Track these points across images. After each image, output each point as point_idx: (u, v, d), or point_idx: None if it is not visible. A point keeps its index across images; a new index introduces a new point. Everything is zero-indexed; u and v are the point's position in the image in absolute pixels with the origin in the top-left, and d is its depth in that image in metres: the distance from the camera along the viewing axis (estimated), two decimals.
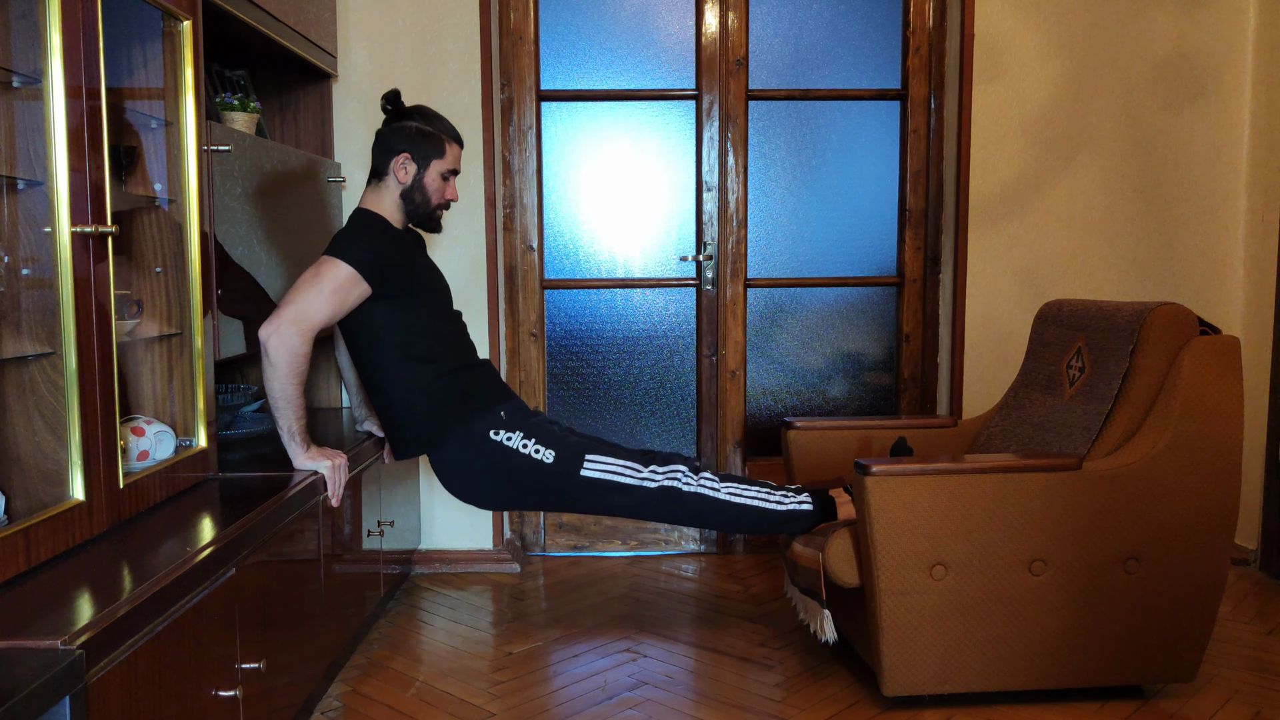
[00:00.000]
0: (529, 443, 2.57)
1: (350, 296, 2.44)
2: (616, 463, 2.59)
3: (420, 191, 2.58)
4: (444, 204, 2.63)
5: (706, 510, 2.60)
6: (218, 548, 1.80)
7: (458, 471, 2.61)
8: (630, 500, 2.59)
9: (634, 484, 2.59)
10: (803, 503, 2.63)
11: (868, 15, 3.69)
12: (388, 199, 2.59)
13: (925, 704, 2.47)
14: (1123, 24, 3.54)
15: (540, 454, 2.57)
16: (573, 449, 2.59)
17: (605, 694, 2.57)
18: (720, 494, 2.60)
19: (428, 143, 2.57)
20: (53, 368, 1.72)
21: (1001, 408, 2.89)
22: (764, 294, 3.78)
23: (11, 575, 1.58)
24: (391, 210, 2.59)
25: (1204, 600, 2.42)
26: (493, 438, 2.56)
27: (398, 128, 2.57)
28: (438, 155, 2.58)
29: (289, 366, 2.35)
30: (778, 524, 2.62)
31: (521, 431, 2.58)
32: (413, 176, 2.57)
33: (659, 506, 2.60)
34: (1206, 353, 2.40)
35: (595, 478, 2.58)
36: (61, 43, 1.69)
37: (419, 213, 2.61)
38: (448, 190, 2.62)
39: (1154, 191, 3.60)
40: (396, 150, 2.55)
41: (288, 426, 2.39)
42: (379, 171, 2.59)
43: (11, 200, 1.71)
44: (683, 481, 2.59)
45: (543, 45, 3.64)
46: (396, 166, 2.56)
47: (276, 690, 2.10)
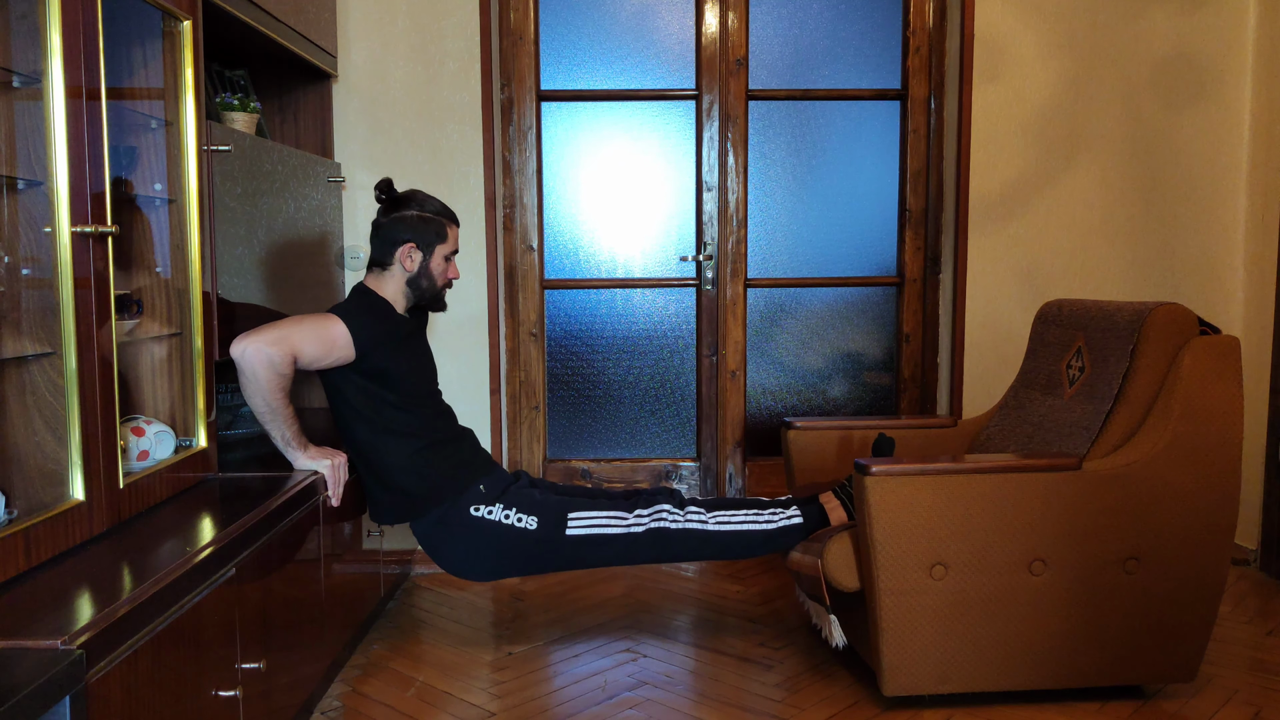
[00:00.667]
0: (510, 513, 2.57)
1: (334, 352, 2.45)
2: (601, 515, 2.59)
3: (427, 277, 2.60)
4: (448, 283, 2.66)
5: (698, 545, 2.59)
6: (218, 548, 1.80)
7: (443, 548, 2.61)
8: (621, 549, 2.59)
9: (621, 533, 2.58)
10: (792, 517, 2.62)
11: (868, 15, 3.69)
12: (392, 285, 2.60)
13: (925, 704, 2.47)
14: (1123, 24, 3.54)
15: (523, 522, 2.57)
16: (555, 510, 2.59)
17: (605, 694, 2.57)
18: (709, 525, 2.59)
19: (429, 229, 2.59)
20: (53, 368, 1.72)
21: (1001, 408, 2.89)
22: (764, 294, 3.78)
23: (11, 575, 1.58)
24: (395, 295, 2.61)
25: (1204, 600, 2.42)
26: (473, 514, 2.56)
27: (398, 218, 2.58)
28: (440, 240, 2.60)
29: (267, 380, 2.34)
30: (770, 543, 2.62)
31: (502, 503, 2.58)
32: (419, 264, 2.59)
33: (650, 550, 2.59)
34: (1206, 353, 2.40)
35: (582, 535, 2.58)
36: (61, 43, 1.69)
37: (425, 297, 2.63)
38: (450, 270, 2.65)
39: (1154, 191, 3.60)
40: (401, 241, 2.57)
41: (281, 436, 2.40)
42: (382, 262, 2.60)
43: (11, 200, 1.71)
44: (669, 520, 2.58)
45: (543, 45, 3.64)
46: (402, 256, 2.57)
47: (276, 690, 2.10)
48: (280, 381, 2.36)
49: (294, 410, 2.42)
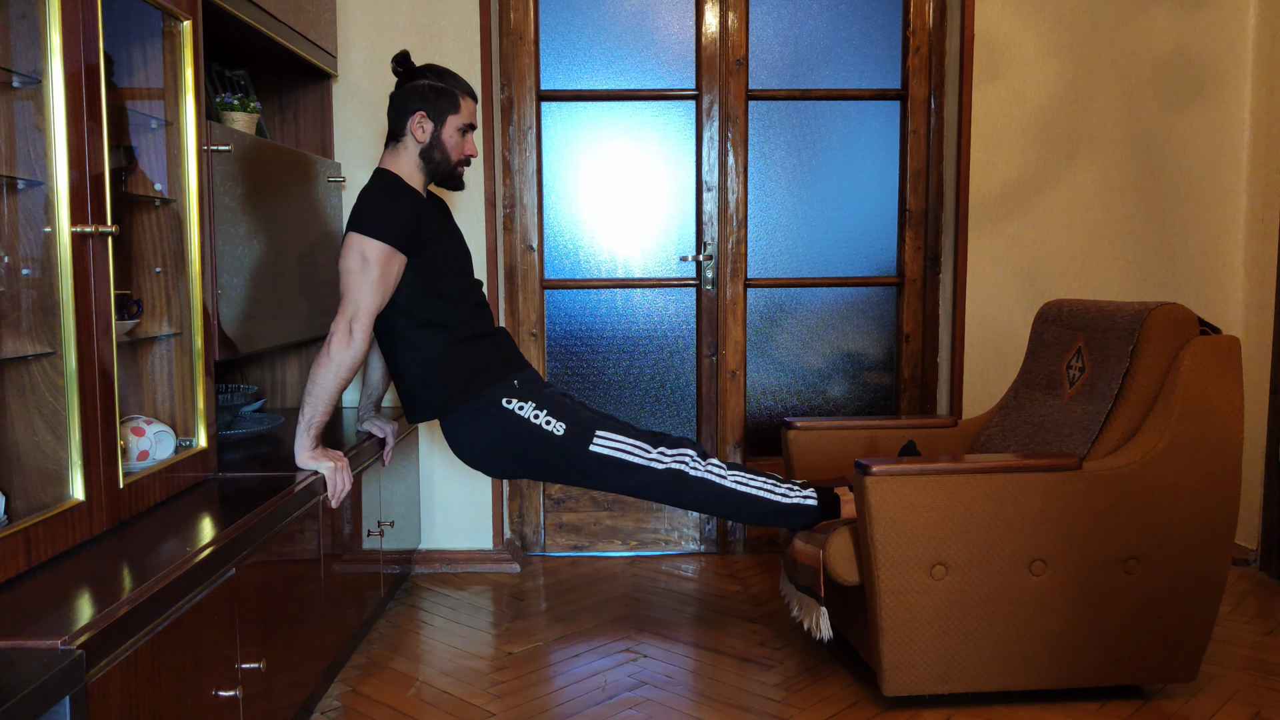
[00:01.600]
0: (540, 413, 2.57)
1: (393, 272, 2.48)
2: (626, 441, 2.59)
3: (439, 149, 2.58)
4: (464, 160, 2.63)
5: (711, 497, 2.60)
6: (218, 548, 1.80)
7: (467, 437, 2.60)
8: (636, 480, 2.59)
9: (641, 464, 2.58)
10: (807, 498, 2.63)
11: (868, 15, 3.69)
12: (406, 160, 2.59)
13: (925, 704, 2.47)
14: (1123, 24, 3.54)
15: (551, 425, 2.57)
16: (584, 424, 2.59)
17: (605, 694, 2.57)
18: (726, 481, 2.60)
19: (442, 99, 2.57)
20: (53, 368, 1.72)
21: (1001, 408, 2.89)
22: (764, 294, 3.78)
23: (11, 575, 1.58)
24: (411, 171, 2.59)
25: (1204, 600, 2.42)
26: (505, 405, 2.56)
27: (411, 87, 2.57)
28: (453, 110, 2.58)
29: (349, 367, 2.42)
30: (781, 516, 2.62)
31: (534, 402, 2.58)
32: (430, 134, 2.57)
33: (665, 488, 2.59)
34: (1206, 353, 2.40)
35: (604, 454, 2.58)
36: (61, 43, 1.69)
37: (439, 171, 2.61)
38: (466, 145, 2.62)
39: (1154, 191, 3.60)
40: (412, 109, 2.55)
41: (310, 418, 2.41)
42: (396, 134, 2.59)
43: (11, 200, 1.71)
44: (690, 466, 2.59)
45: (543, 45, 3.64)
46: (413, 125, 2.56)
47: (276, 690, 2.10)
48: (357, 367, 2.44)
49: (334, 406, 2.44)
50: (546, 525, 3.76)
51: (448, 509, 3.55)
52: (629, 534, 3.76)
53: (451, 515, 3.56)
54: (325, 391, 2.40)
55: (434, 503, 3.55)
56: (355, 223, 2.48)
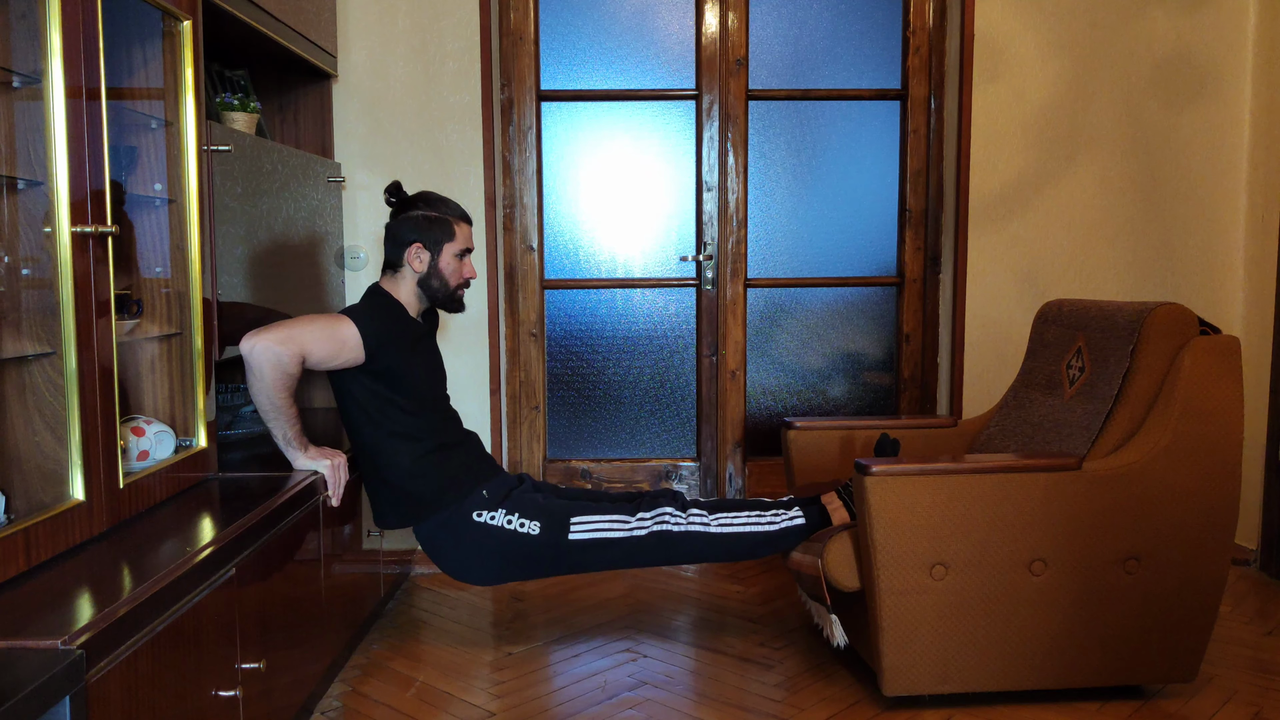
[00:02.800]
0: (513, 518, 2.57)
1: (343, 353, 2.45)
2: (603, 520, 2.58)
3: (437, 277, 2.60)
4: (464, 283, 2.65)
5: (701, 547, 2.59)
6: (218, 548, 1.80)
7: (445, 552, 2.61)
8: (623, 554, 2.59)
9: (624, 536, 2.58)
10: (794, 518, 2.62)
11: (868, 15, 3.69)
12: (405, 287, 2.61)
13: (925, 704, 2.47)
14: (1123, 24, 3.54)
15: (526, 528, 2.57)
16: (557, 515, 2.58)
17: (605, 694, 2.57)
18: (712, 528, 2.59)
19: (436, 228, 2.59)
20: (53, 368, 1.72)
21: (1001, 408, 2.89)
22: (764, 294, 3.78)
23: (11, 575, 1.58)
24: (409, 298, 2.62)
25: (1204, 600, 2.42)
26: (476, 520, 2.56)
27: (405, 219, 2.59)
28: (448, 239, 2.60)
29: (273, 379, 2.34)
30: (772, 544, 2.62)
31: (504, 508, 2.58)
32: (427, 264, 2.59)
33: (653, 553, 2.59)
34: (1206, 353, 2.40)
35: (585, 539, 2.57)
36: (61, 43, 1.69)
37: (439, 297, 2.63)
38: (464, 269, 2.64)
39: (1154, 191, 3.60)
40: (408, 241, 2.58)
41: (282, 434, 2.40)
42: (393, 264, 2.61)
43: (11, 200, 1.71)
44: (672, 523, 2.58)
45: (543, 45, 3.64)
46: (410, 257, 2.58)
47: (276, 690, 2.10)
48: (286, 381, 2.36)
49: (297, 410, 2.42)
50: None
51: None
52: None
53: None
54: (273, 407, 2.37)
55: None
56: (345, 310, 2.52)
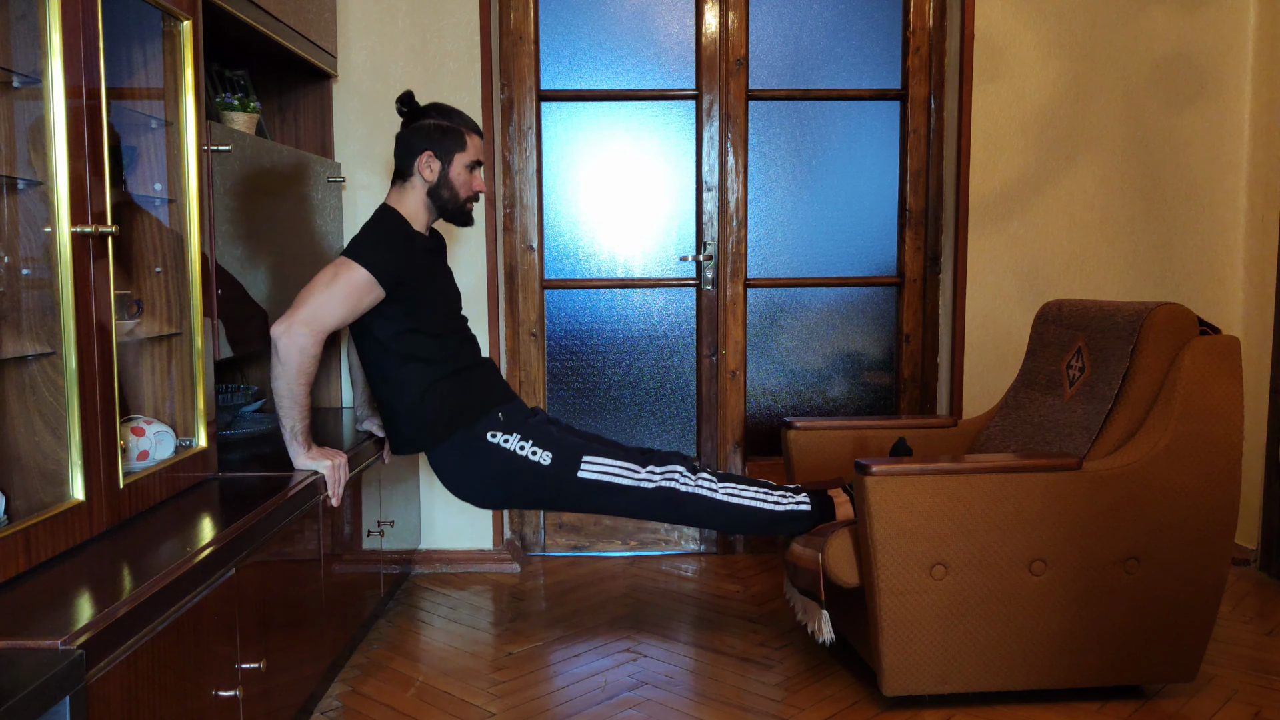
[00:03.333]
0: (526, 445, 2.58)
1: (364, 301, 2.46)
2: (614, 464, 2.60)
3: (448, 187, 2.60)
4: (473, 196, 2.65)
5: (704, 511, 2.60)
6: (218, 548, 1.80)
7: (456, 472, 2.61)
8: (628, 501, 2.60)
9: (631, 485, 2.59)
10: (800, 503, 2.63)
11: (868, 15, 3.69)
12: (413, 198, 2.61)
13: (925, 704, 2.47)
14: (1123, 24, 3.54)
15: (537, 456, 2.57)
16: (570, 450, 2.59)
17: (605, 694, 2.57)
18: (718, 494, 2.60)
19: (448, 138, 2.58)
20: (53, 368, 1.72)
21: (1001, 408, 2.89)
22: (764, 294, 3.78)
23: (11, 575, 1.58)
24: (417, 209, 2.61)
25: (1204, 600, 2.42)
26: (489, 440, 2.57)
27: (417, 127, 2.59)
28: (460, 149, 2.59)
29: (298, 366, 2.37)
30: (776, 524, 2.63)
31: (519, 433, 2.59)
32: (438, 173, 2.58)
33: (657, 507, 2.60)
34: (1206, 353, 2.40)
35: (592, 479, 2.58)
36: (61, 43, 1.69)
37: (448, 208, 2.63)
38: (474, 182, 2.64)
39: (1154, 191, 3.60)
40: (419, 149, 2.57)
41: (291, 425, 2.40)
42: (403, 173, 2.61)
43: (11, 200, 1.71)
44: (680, 482, 2.59)
45: (543, 45, 3.64)
46: (421, 165, 2.57)
47: (276, 690, 2.10)
48: (310, 366, 2.38)
49: (310, 405, 2.43)
50: (546, 525, 3.76)
51: (448, 509, 3.55)
52: (629, 534, 3.76)
53: (451, 515, 3.56)
54: (291, 398, 2.38)
55: (434, 502, 3.55)
56: (348, 248, 2.51)
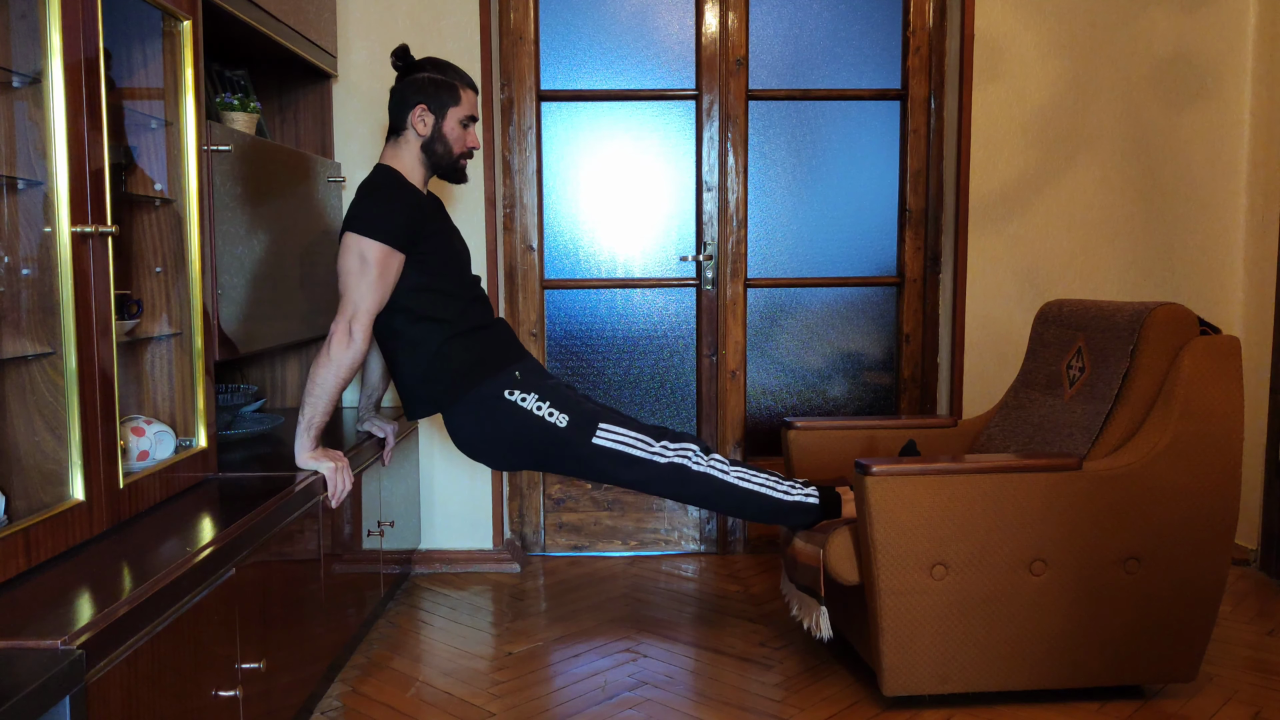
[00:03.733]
0: (544, 405, 2.57)
1: (393, 271, 2.48)
2: (629, 434, 2.59)
3: (441, 141, 2.58)
4: (466, 152, 2.63)
5: (713, 492, 2.59)
6: (218, 548, 1.80)
7: (469, 429, 2.60)
8: (638, 473, 2.59)
9: (644, 457, 2.58)
10: (809, 495, 2.63)
11: (868, 15, 3.69)
12: (408, 154, 2.59)
13: (925, 704, 2.47)
14: (1123, 24, 3.54)
15: (554, 417, 2.56)
16: (587, 416, 2.58)
17: (605, 694, 2.57)
18: (729, 477, 2.59)
19: (443, 91, 2.56)
20: (53, 368, 1.72)
21: (1001, 408, 2.89)
22: (764, 294, 3.78)
23: (11, 575, 1.58)
24: (412, 165, 2.59)
25: (1204, 600, 2.42)
26: (507, 397, 2.56)
27: (411, 80, 2.57)
28: (454, 103, 2.58)
29: (347, 366, 2.42)
30: (783, 514, 2.62)
31: (536, 393, 2.57)
32: (431, 127, 2.57)
33: (667, 482, 2.59)
34: (1206, 353, 2.40)
35: (606, 446, 2.57)
36: (61, 43, 1.69)
37: (442, 164, 2.61)
38: (468, 137, 2.62)
39: (1154, 191, 3.60)
40: (412, 103, 2.55)
41: (309, 418, 2.40)
42: (397, 127, 2.59)
43: (11, 200, 1.71)
44: (693, 460, 2.59)
45: (543, 45, 3.64)
46: (414, 119, 2.56)
47: (276, 690, 2.10)
48: (356, 361, 2.43)
49: (335, 404, 2.44)
50: (546, 525, 3.76)
51: (448, 509, 3.55)
52: (629, 534, 3.76)
53: (451, 515, 3.56)
54: (325, 392, 2.40)
55: (434, 503, 3.55)
56: (352, 222, 2.48)
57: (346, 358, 2.41)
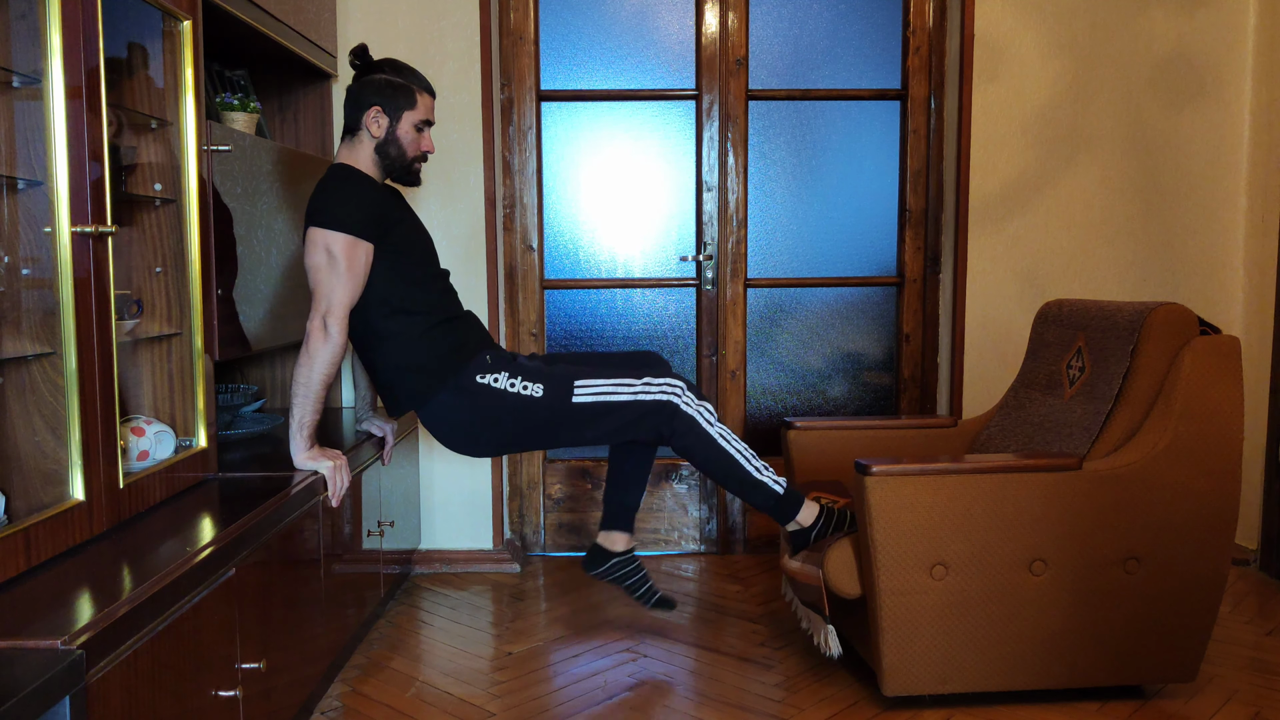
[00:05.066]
0: (516, 381, 2.55)
1: (361, 262, 2.46)
2: (607, 384, 2.56)
3: (395, 144, 2.56)
4: (420, 156, 2.61)
5: (693, 441, 2.56)
6: (218, 548, 1.80)
7: (448, 421, 2.58)
8: (626, 419, 2.55)
9: (629, 399, 2.55)
10: (777, 481, 2.60)
11: (868, 15, 3.69)
12: (363, 154, 2.57)
13: (925, 704, 2.47)
14: (1123, 24, 3.54)
15: (529, 390, 2.54)
16: (561, 379, 2.56)
17: (605, 694, 2.57)
18: (712, 430, 2.56)
19: (399, 95, 2.55)
20: (53, 368, 1.72)
21: (1001, 408, 2.89)
22: (764, 294, 3.78)
23: (11, 575, 1.58)
24: (367, 165, 2.58)
25: (1204, 600, 2.42)
26: (479, 381, 2.54)
27: (367, 81, 2.55)
28: (409, 107, 2.56)
29: (327, 362, 2.40)
30: (747, 488, 2.59)
31: (507, 372, 2.56)
32: (385, 129, 2.54)
33: (654, 421, 2.56)
34: (1206, 353, 2.40)
35: (588, 403, 2.55)
36: (61, 43, 1.69)
37: (395, 166, 2.59)
38: (423, 142, 2.60)
39: (1154, 191, 3.60)
40: (367, 104, 2.53)
41: (300, 417, 2.40)
42: (352, 128, 2.57)
43: (11, 200, 1.71)
44: (682, 400, 2.56)
45: (543, 45, 3.64)
46: (369, 120, 2.54)
47: (276, 690, 2.10)
48: (335, 356, 2.42)
49: (323, 402, 2.43)
50: (546, 525, 3.76)
51: (448, 509, 3.55)
52: None
53: (451, 515, 3.56)
54: (310, 390, 2.39)
55: (434, 503, 3.55)
56: (314, 216, 2.46)
57: (325, 354, 2.40)
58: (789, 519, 2.62)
